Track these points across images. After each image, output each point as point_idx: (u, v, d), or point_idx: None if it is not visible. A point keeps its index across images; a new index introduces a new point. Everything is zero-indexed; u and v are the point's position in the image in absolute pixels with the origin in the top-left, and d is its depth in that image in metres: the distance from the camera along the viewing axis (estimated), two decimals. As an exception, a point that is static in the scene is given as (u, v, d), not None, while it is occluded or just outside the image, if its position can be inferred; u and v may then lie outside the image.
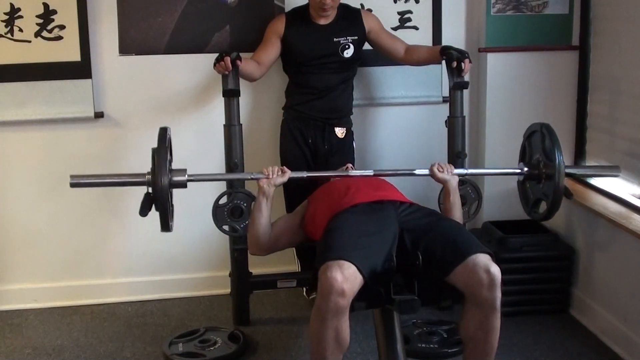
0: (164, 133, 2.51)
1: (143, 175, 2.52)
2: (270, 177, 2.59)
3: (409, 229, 2.33)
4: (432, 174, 2.71)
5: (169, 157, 2.53)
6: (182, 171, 2.58)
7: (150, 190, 2.48)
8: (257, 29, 3.28)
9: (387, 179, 2.84)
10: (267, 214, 2.61)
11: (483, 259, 2.15)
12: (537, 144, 2.77)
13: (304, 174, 2.79)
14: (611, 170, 3.00)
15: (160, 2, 3.32)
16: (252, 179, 2.72)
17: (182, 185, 2.58)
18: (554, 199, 2.67)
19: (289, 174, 2.63)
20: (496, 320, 2.17)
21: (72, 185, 2.56)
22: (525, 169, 2.82)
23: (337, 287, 2.04)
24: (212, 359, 2.87)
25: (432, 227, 2.35)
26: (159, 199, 2.43)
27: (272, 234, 2.66)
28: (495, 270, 2.13)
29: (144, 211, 2.47)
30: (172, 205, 2.63)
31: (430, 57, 3.23)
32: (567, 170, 2.73)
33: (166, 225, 2.50)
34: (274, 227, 2.68)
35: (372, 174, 2.79)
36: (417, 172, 2.78)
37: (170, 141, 2.58)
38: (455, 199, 2.68)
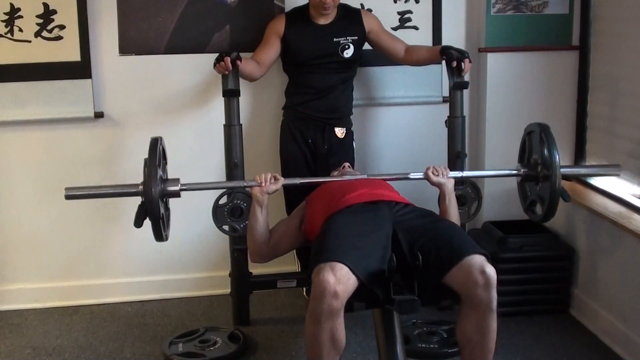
0: (155, 143, 2.49)
1: (136, 185, 2.52)
2: (263, 185, 2.59)
3: (403, 229, 2.33)
4: (427, 178, 2.70)
5: (161, 167, 2.51)
6: (175, 181, 2.57)
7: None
8: (257, 29, 3.28)
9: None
10: (263, 221, 2.60)
11: (478, 260, 2.15)
12: (535, 144, 2.76)
13: (297, 181, 2.78)
14: (611, 169, 2.96)
15: (160, 2, 3.32)
16: (245, 187, 2.73)
17: (175, 195, 2.57)
18: (550, 201, 2.65)
19: (281, 181, 2.62)
20: (492, 322, 2.17)
21: (67, 197, 2.56)
22: (523, 170, 2.81)
23: (329, 289, 2.04)
24: (212, 359, 2.87)
25: (427, 228, 2.35)
26: (151, 211, 2.42)
27: (272, 240, 2.66)
28: (491, 270, 2.13)
29: (138, 222, 2.48)
30: (168, 213, 2.62)
31: (430, 57, 3.23)
32: (564, 171, 2.70)
33: (159, 235, 2.50)
34: (273, 233, 2.68)
35: (365, 177, 2.79)
36: (411, 175, 2.76)
37: (163, 150, 2.57)
38: (452, 201, 2.68)
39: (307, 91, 3.23)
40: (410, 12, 3.48)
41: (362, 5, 3.42)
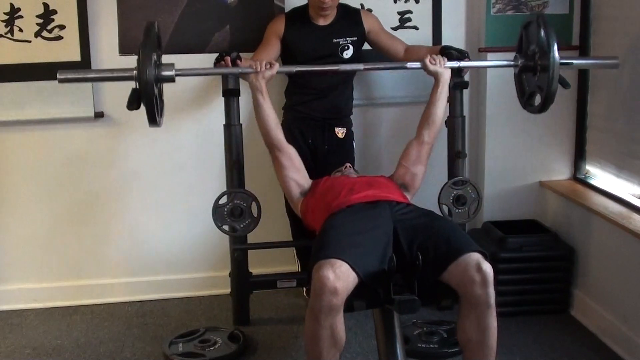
0: (150, 27, 2.45)
1: (130, 70, 2.48)
2: (259, 70, 2.60)
3: (403, 228, 2.33)
4: (424, 66, 2.74)
5: (156, 51, 2.47)
6: (170, 65, 2.53)
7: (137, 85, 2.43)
8: (257, 29, 3.28)
9: (385, 177, 2.85)
10: (267, 106, 2.69)
11: (475, 258, 2.15)
12: (533, 35, 2.71)
13: (293, 68, 2.86)
14: (609, 60, 2.92)
15: (160, 2, 3.32)
16: (240, 73, 2.75)
17: (170, 79, 2.53)
18: (548, 90, 2.61)
19: (277, 66, 2.67)
20: (492, 319, 2.16)
21: (60, 80, 2.52)
22: (521, 60, 2.78)
23: (329, 286, 2.05)
24: (212, 359, 2.87)
25: (426, 227, 2.35)
26: (145, 93, 2.38)
27: (292, 153, 2.80)
28: (487, 267, 2.13)
29: (130, 105, 2.43)
30: (162, 101, 2.58)
31: (430, 57, 3.24)
32: (563, 61, 2.67)
33: (153, 119, 2.45)
34: (297, 157, 2.81)
35: (362, 68, 2.86)
36: (408, 65, 2.82)
37: (158, 36, 2.52)
38: (443, 92, 2.75)
39: (307, 91, 3.24)
40: (410, 12, 3.48)
41: (362, 5, 3.42)
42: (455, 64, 2.83)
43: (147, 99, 2.37)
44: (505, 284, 3.09)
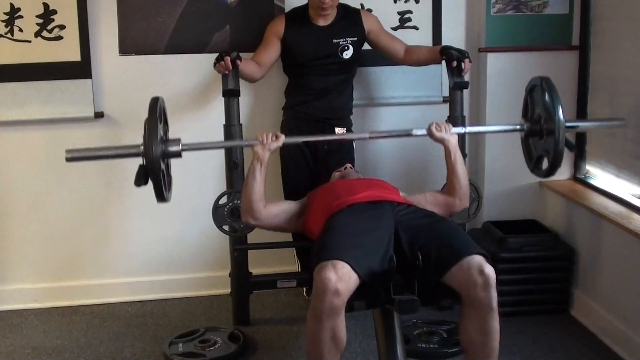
0: (155, 103, 2.45)
1: (137, 146, 2.49)
2: (265, 142, 2.59)
3: (405, 229, 2.33)
4: (430, 134, 2.67)
5: (161, 127, 2.47)
6: (176, 141, 2.52)
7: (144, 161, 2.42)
8: (257, 29, 3.28)
9: (384, 179, 2.84)
10: (261, 179, 2.58)
11: (477, 260, 2.15)
12: (538, 98, 2.69)
13: (299, 139, 2.78)
14: (615, 121, 2.90)
15: (160, 2, 3.32)
16: (247, 145, 2.71)
17: (177, 155, 2.52)
18: (555, 154, 2.56)
19: (282, 138, 2.61)
20: (495, 321, 2.16)
21: (68, 159, 2.51)
22: (526, 125, 2.76)
23: (331, 287, 2.04)
24: (212, 359, 2.87)
25: (428, 228, 2.35)
26: (151, 170, 2.40)
27: (270, 209, 2.64)
28: (489, 270, 2.13)
29: (138, 181, 2.42)
30: (169, 176, 2.59)
31: (430, 57, 3.23)
32: (569, 124, 2.64)
33: (161, 195, 2.44)
34: (274, 205, 2.67)
35: (367, 136, 2.76)
36: (414, 132, 2.72)
37: (163, 111, 2.52)
38: (457, 157, 2.66)
39: (307, 91, 3.24)
40: (410, 12, 3.48)
41: (362, 5, 3.42)
42: (461, 129, 2.77)
43: (154, 175, 2.37)
44: (505, 284, 3.09)
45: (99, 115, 3.36)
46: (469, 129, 2.88)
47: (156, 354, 2.96)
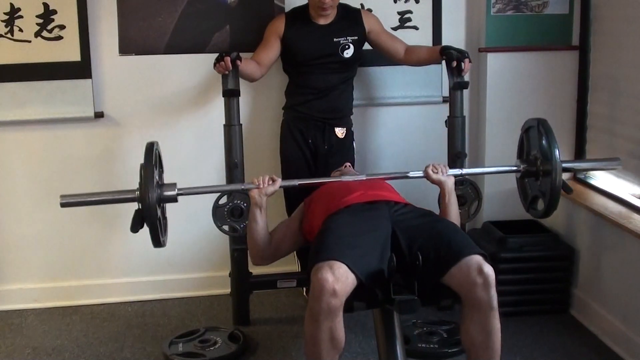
0: (150, 148, 2.46)
1: (133, 191, 2.49)
2: (261, 187, 2.57)
3: (402, 229, 2.33)
4: (426, 176, 2.65)
5: (157, 172, 2.48)
6: (172, 185, 2.52)
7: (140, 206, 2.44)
8: (257, 29, 3.28)
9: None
10: (262, 223, 2.57)
11: (476, 260, 2.14)
12: (534, 139, 2.73)
13: (295, 182, 2.76)
14: (611, 162, 2.91)
15: (160, 2, 3.32)
16: (243, 190, 2.70)
17: (172, 200, 2.54)
18: (552, 196, 2.61)
19: (279, 182, 2.59)
20: (495, 321, 2.16)
21: (63, 205, 2.53)
22: (522, 166, 2.78)
23: (328, 288, 2.04)
24: (212, 359, 2.87)
25: (426, 228, 2.34)
26: (148, 217, 2.40)
27: (273, 242, 2.64)
28: (489, 270, 2.13)
29: (134, 227, 2.45)
30: (165, 219, 2.60)
31: (430, 57, 3.23)
32: (565, 165, 2.67)
33: (157, 241, 2.47)
34: (274, 235, 2.66)
35: (364, 178, 2.74)
36: (410, 174, 2.71)
37: (159, 155, 2.55)
38: (452, 199, 2.64)
39: (307, 91, 3.23)
40: (410, 12, 3.48)
41: (362, 5, 3.42)
42: (457, 171, 2.76)
43: (151, 220, 2.38)
44: (505, 284, 3.09)
45: (99, 115, 3.36)
46: (465, 171, 2.85)
47: (156, 354, 2.97)
